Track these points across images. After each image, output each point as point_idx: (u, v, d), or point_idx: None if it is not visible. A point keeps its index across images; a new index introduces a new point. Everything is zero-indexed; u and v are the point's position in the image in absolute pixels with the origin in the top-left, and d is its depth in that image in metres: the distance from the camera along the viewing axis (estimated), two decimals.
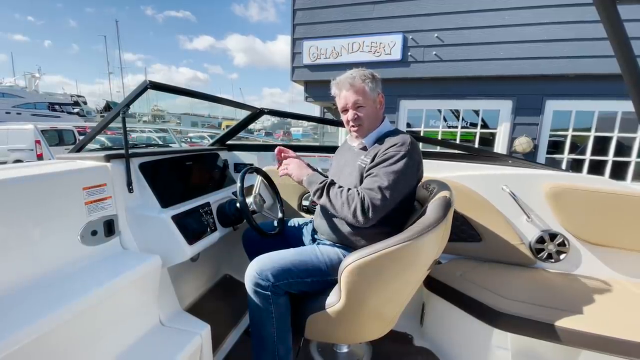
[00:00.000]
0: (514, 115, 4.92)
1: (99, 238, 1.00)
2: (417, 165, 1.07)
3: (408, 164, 1.02)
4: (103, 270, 0.92)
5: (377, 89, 1.14)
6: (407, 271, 0.99)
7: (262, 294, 1.03)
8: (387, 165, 1.02)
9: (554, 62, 4.55)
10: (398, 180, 1.01)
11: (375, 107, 1.15)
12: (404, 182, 1.03)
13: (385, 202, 0.99)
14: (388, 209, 1.02)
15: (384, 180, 1.00)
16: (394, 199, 1.01)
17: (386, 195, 0.99)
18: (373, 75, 1.13)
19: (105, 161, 1.09)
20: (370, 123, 1.16)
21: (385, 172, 1.01)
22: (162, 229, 1.08)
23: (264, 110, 1.78)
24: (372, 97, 1.13)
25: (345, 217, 1.02)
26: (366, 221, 0.99)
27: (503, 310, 1.13)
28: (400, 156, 1.02)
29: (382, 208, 0.99)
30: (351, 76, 1.12)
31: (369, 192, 1.00)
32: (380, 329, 1.10)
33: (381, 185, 1.00)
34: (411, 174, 1.05)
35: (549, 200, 1.45)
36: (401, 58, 5.12)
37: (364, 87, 1.11)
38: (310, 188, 1.11)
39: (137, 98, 1.11)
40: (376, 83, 1.13)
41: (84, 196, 0.97)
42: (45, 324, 0.70)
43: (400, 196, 1.04)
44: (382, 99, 1.16)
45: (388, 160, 1.03)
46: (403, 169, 1.01)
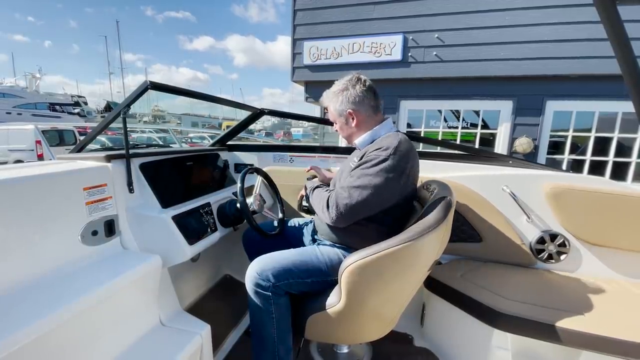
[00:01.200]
0: (515, 115, 4.92)
1: (99, 238, 1.00)
2: (400, 170, 1.01)
3: (386, 168, 0.99)
4: (103, 270, 0.92)
5: (345, 105, 1.13)
6: (407, 272, 0.99)
7: (262, 294, 1.03)
8: (364, 168, 1.02)
9: (555, 62, 4.55)
10: (373, 183, 0.98)
11: (344, 122, 1.17)
12: (379, 185, 0.99)
13: (350, 201, 0.99)
14: (357, 210, 1.00)
15: (355, 181, 1.01)
16: (365, 201, 0.99)
17: (353, 195, 0.99)
18: (344, 90, 1.12)
19: (105, 161, 1.09)
20: (347, 135, 1.20)
21: (360, 174, 1.01)
22: (163, 229, 1.09)
23: (264, 111, 1.78)
24: (340, 114, 1.16)
25: (323, 217, 1.07)
26: (336, 221, 1.02)
27: (503, 311, 1.12)
28: (379, 160, 1.00)
29: (348, 208, 0.99)
30: (327, 92, 1.19)
31: (341, 191, 1.03)
32: (380, 330, 1.10)
33: (350, 185, 1.01)
34: (391, 178, 1.00)
35: (549, 200, 1.45)
36: (401, 58, 5.12)
37: (329, 105, 1.19)
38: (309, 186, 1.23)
39: (138, 98, 1.12)
40: (346, 98, 1.11)
41: (85, 196, 0.98)
42: (46, 324, 0.70)
43: (377, 199, 1.00)
44: (352, 113, 1.13)
45: (366, 163, 1.02)
46: (378, 172, 0.99)
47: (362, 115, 1.14)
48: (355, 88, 1.11)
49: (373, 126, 1.15)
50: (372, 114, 1.16)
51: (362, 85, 1.12)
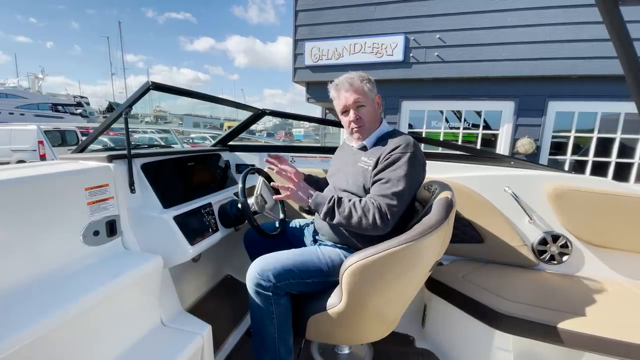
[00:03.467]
0: (516, 116, 4.91)
1: (101, 238, 1.01)
2: (422, 166, 1.09)
3: (415, 165, 1.04)
4: (105, 270, 0.92)
5: (375, 90, 1.16)
6: (408, 272, 0.99)
7: (263, 294, 1.03)
8: (396, 169, 1.03)
9: (557, 63, 4.54)
10: (409, 183, 1.02)
11: (374, 107, 1.16)
12: (414, 184, 1.04)
13: (401, 206, 1.01)
14: (403, 209, 1.03)
15: (397, 186, 1.01)
16: (407, 202, 1.04)
17: (402, 200, 1.01)
18: (369, 78, 1.16)
19: (107, 162, 1.09)
20: (371, 123, 1.16)
21: (397, 177, 1.02)
22: (164, 229, 1.09)
23: (266, 111, 1.78)
24: (371, 97, 1.15)
25: (365, 230, 1.01)
26: (386, 228, 1.01)
27: (505, 312, 1.12)
28: (408, 158, 1.03)
29: (399, 212, 1.02)
30: (350, 77, 1.14)
31: (384, 199, 1.01)
32: (381, 330, 1.10)
33: (395, 191, 1.01)
34: (418, 175, 1.08)
35: (551, 201, 1.44)
36: (403, 59, 5.12)
37: (363, 87, 1.13)
38: (319, 210, 1.06)
39: (140, 99, 1.12)
40: (372, 85, 1.16)
41: (86, 196, 0.98)
42: (47, 323, 0.70)
43: (411, 198, 1.06)
44: (379, 99, 1.18)
45: (396, 163, 1.03)
46: (412, 171, 1.03)
47: (381, 104, 1.20)
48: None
49: (381, 121, 1.20)
50: None
51: None
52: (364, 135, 1.17)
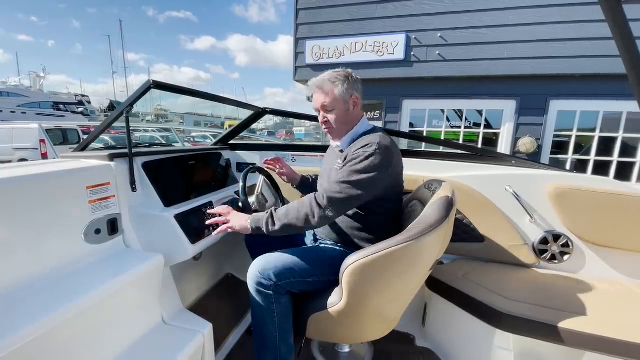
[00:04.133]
0: (518, 115, 4.90)
1: (102, 237, 1.01)
2: (385, 164, 1.02)
3: (374, 163, 0.99)
4: (106, 269, 0.92)
5: (351, 90, 1.10)
6: (409, 271, 0.99)
7: (264, 293, 1.03)
8: (352, 165, 1.02)
9: (559, 61, 4.52)
10: (361, 178, 0.99)
11: (345, 109, 1.11)
12: (367, 180, 0.99)
13: (341, 195, 0.98)
14: (348, 204, 1.01)
15: (345, 177, 1.00)
16: (356, 195, 0.99)
17: (344, 190, 0.98)
18: (347, 76, 1.10)
19: (108, 160, 1.09)
20: (340, 126, 1.14)
21: (347, 171, 1.01)
22: (165, 227, 1.09)
23: (267, 110, 1.78)
24: (343, 99, 1.10)
25: (306, 218, 1.00)
26: (323, 211, 0.98)
27: (506, 311, 1.12)
28: (365, 156, 1.00)
29: (339, 201, 0.99)
30: (322, 78, 1.12)
31: (327, 187, 1.01)
32: (382, 329, 1.10)
33: (339, 180, 1.00)
34: (378, 173, 1.00)
35: (552, 201, 1.44)
36: (404, 58, 5.11)
37: (332, 90, 1.09)
38: (260, 225, 1.06)
39: (141, 97, 1.12)
40: (350, 84, 1.10)
41: (88, 195, 0.98)
42: (49, 322, 0.70)
43: (366, 194, 1.01)
44: (357, 99, 1.12)
45: (353, 161, 1.02)
46: (366, 167, 0.99)
47: (359, 104, 1.14)
48: (356, 77, 1.13)
49: (358, 121, 1.16)
50: (361, 107, 1.18)
51: (358, 77, 1.14)
52: (334, 137, 1.18)
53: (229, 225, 1.12)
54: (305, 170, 1.56)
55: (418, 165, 1.69)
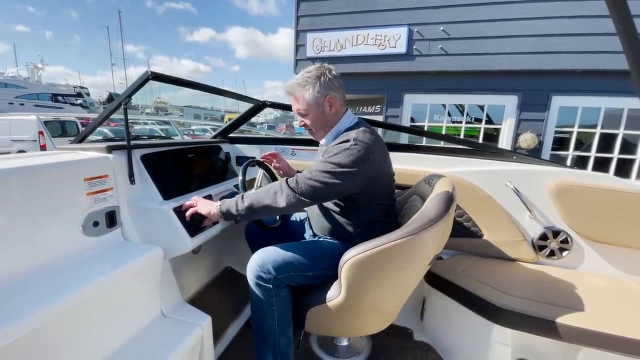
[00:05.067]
0: (519, 110, 4.87)
1: (100, 229, 1.00)
2: (363, 158, 0.98)
3: (349, 156, 0.97)
4: (105, 261, 0.92)
5: (324, 91, 1.06)
6: (407, 266, 0.98)
7: (263, 286, 1.03)
8: (326, 158, 1.01)
9: (561, 57, 4.48)
10: (333, 169, 0.97)
11: (320, 111, 1.09)
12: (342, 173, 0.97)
13: (312, 182, 0.97)
14: (320, 192, 0.99)
15: (319, 167, 1.00)
16: (328, 183, 0.97)
17: (315, 176, 0.98)
18: (319, 76, 1.06)
19: (107, 152, 1.08)
20: (320, 128, 1.13)
21: (322, 162, 1.00)
22: (164, 220, 1.08)
23: (267, 103, 1.76)
24: (316, 102, 1.07)
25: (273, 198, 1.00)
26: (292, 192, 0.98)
27: (504, 307, 1.12)
28: (341, 149, 0.99)
29: (310, 187, 0.98)
30: (293, 83, 1.10)
31: (300, 175, 1.01)
32: (380, 323, 1.10)
33: (311, 169, 1.00)
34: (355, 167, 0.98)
35: (552, 197, 1.43)
36: (406, 51, 5.05)
37: (303, 95, 1.07)
38: (230, 207, 1.06)
39: (139, 89, 1.10)
40: (323, 85, 1.06)
41: (86, 187, 0.97)
42: (46, 314, 0.70)
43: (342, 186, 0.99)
44: (332, 99, 1.08)
45: (328, 153, 1.02)
46: (341, 160, 0.98)
47: (338, 102, 1.11)
48: (332, 73, 1.10)
49: (340, 118, 1.14)
50: (343, 104, 1.16)
51: (335, 73, 1.11)
52: (316, 137, 1.18)
53: (193, 209, 1.11)
54: (304, 165, 1.54)
55: (418, 160, 1.68)
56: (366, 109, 5.95)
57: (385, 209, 1.15)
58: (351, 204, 1.11)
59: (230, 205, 1.06)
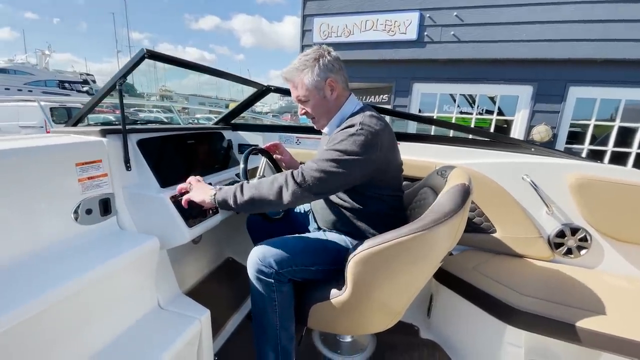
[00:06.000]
0: (534, 101, 4.68)
1: (94, 217, 0.96)
2: (370, 145, 0.91)
3: (355, 143, 0.89)
4: (98, 251, 0.88)
5: (324, 73, 0.99)
6: (418, 263, 0.93)
7: (264, 281, 0.98)
8: (331, 146, 0.92)
9: (580, 45, 4.26)
10: (339, 157, 0.89)
11: (321, 96, 1.01)
12: (348, 161, 0.90)
13: (318, 173, 0.89)
14: (326, 183, 0.91)
15: (322, 156, 0.91)
16: (334, 173, 0.90)
17: (321, 166, 0.89)
18: (318, 59, 0.98)
19: (101, 136, 1.03)
20: (322, 115, 1.06)
21: (327, 151, 0.92)
22: (161, 209, 1.03)
23: (271, 88, 1.68)
24: (316, 87, 1.00)
25: (278, 193, 0.91)
26: (298, 187, 0.90)
27: (518, 307, 1.07)
28: (347, 136, 0.91)
29: (316, 178, 0.89)
30: (290, 69, 1.02)
31: (304, 166, 0.93)
32: (386, 321, 1.05)
33: (317, 159, 0.92)
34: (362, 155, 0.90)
35: (572, 192, 1.35)
36: (417, 38, 4.86)
37: (302, 80, 1.00)
38: (227, 197, 0.97)
39: (135, 68, 1.04)
40: (323, 67, 0.98)
41: (78, 172, 0.92)
42: (37, 305, 0.66)
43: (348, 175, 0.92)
44: (333, 82, 1.00)
45: (333, 141, 0.93)
46: (347, 147, 0.90)
47: (340, 85, 1.03)
48: (331, 55, 1.02)
49: (343, 103, 1.06)
50: (346, 87, 1.07)
51: (334, 54, 1.03)
52: (319, 126, 1.11)
53: (187, 196, 1.04)
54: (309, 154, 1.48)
55: (428, 151, 1.60)
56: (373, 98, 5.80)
57: (393, 201, 1.08)
58: (358, 196, 1.04)
59: (228, 194, 0.98)
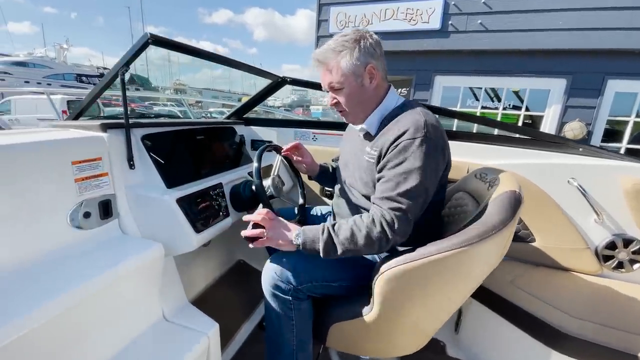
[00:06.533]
0: (567, 96, 4.35)
1: (93, 221, 0.87)
2: (440, 151, 0.82)
3: (429, 153, 0.78)
4: (98, 258, 0.80)
5: (365, 58, 0.84)
6: (458, 282, 0.81)
7: (281, 298, 0.87)
8: (402, 162, 0.79)
9: (621, 34, 3.90)
10: (422, 176, 0.78)
11: (359, 84, 0.87)
12: (429, 175, 0.79)
13: (414, 207, 0.78)
14: (418, 213, 0.81)
15: (405, 184, 0.78)
16: (422, 199, 0.80)
17: (413, 199, 0.78)
18: (358, 40, 0.84)
19: (101, 131, 0.93)
20: (356, 107, 0.90)
21: (403, 171, 0.78)
22: (166, 213, 0.94)
23: (286, 79, 1.56)
24: (354, 73, 0.85)
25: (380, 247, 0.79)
26: (398, 236, 0.78)
27: (567, 331, 0.94)
28: (417, 145, 0.77)
29: (413, 213, 0.79)
30: (325, 49, 0.86)
31: (388, 203, 0.79)
32: (415, 343, 0.94)
33: (402, 191, 0.78)
34: (435, 164, 0.80)
35: (628, 198, 1.19)
36: (440, 27, 4.58)
37: (338, 63, 0.85)
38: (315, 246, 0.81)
39: (138, 55, 0.95)
40: (363, 50, 0.84)
41: (74, 172, 0.83)
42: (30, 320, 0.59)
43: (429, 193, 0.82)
44: (374, 69, 0.86)
45: (401, 155, 0.79)
46: (425, 161, 0.77)
47: (380, 74, 0.88)
48: (373, 38, 0.86)
49: (383, 95, 0.92)
50: (385, 77, 0.93)
51: (376, 38, 0.88)
52: (351, 121, 0.96)
53: (265, 243, 0.88)
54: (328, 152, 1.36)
55: (457, 149, 1.44)
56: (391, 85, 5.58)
57: (432, 210, 0.94)
58: None
59: (316, 245, 0.81)
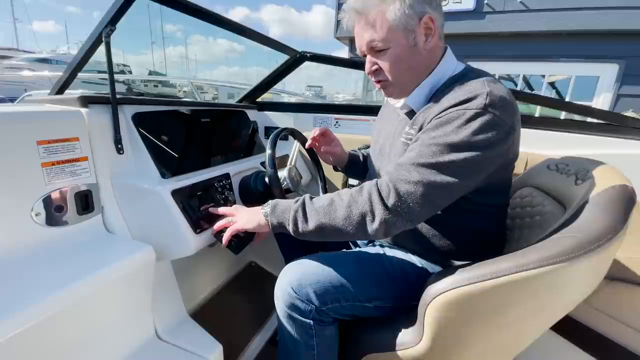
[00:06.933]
0: (619, 83, 3.88)
1: (68, 216, 0.71)
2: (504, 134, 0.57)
3: (482, 129, 0.55)
4: (72, 263, 0.64)
5: (419, 6, 0.61)
6: (541, 311, 0.61)
7: (300, 321, 0.67)
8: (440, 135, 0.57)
9: None
10: (456, 158, 0.55)
11: (411, 43, 0.63)
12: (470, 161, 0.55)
13: (420, 187, 0.56)
14: (432, 203, 0.58)
15: (423, 155, 0.57)
16: (445, 185, 0.56)
17: (425, 176, 0.56)
18: None
19: (79, 105, 0.76)
20: (404, 74, 0.67)
21: (432, 144, 0.57)
22: (158, 208, 0.76)
23: (306, 55, 1.35)
24: (405, 26, 0.62)
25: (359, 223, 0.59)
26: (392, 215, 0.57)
27: None
28: (467, 118, 0.55)
29: (417, 197, 0.56)
30: None
31: (393, 173, 0.59)
32: None
33: (414, 161, 0.57)
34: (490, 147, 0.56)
35: None
36: (474, 7, 4.18)
37: (382, 14, 0.61)
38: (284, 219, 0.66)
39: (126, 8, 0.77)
40: None
41: (40, 154, 0.66)
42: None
43: (465, 184, 0.58)
44: (431, 21, 0.63)
45: (443, 127, 0.57)
46: (469, 138, 0.55)
47: (438, 30, 0.65)
48: None
49: (438, 59, 0.68)
50: (443, 35, 0.68)
51: None
52: (394, 94, 0.72)
53: (236, 227, 0.74)
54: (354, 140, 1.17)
55: None
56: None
57: (498, 213, 0.72)
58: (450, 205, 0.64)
59: (285, 217, 0.66)
